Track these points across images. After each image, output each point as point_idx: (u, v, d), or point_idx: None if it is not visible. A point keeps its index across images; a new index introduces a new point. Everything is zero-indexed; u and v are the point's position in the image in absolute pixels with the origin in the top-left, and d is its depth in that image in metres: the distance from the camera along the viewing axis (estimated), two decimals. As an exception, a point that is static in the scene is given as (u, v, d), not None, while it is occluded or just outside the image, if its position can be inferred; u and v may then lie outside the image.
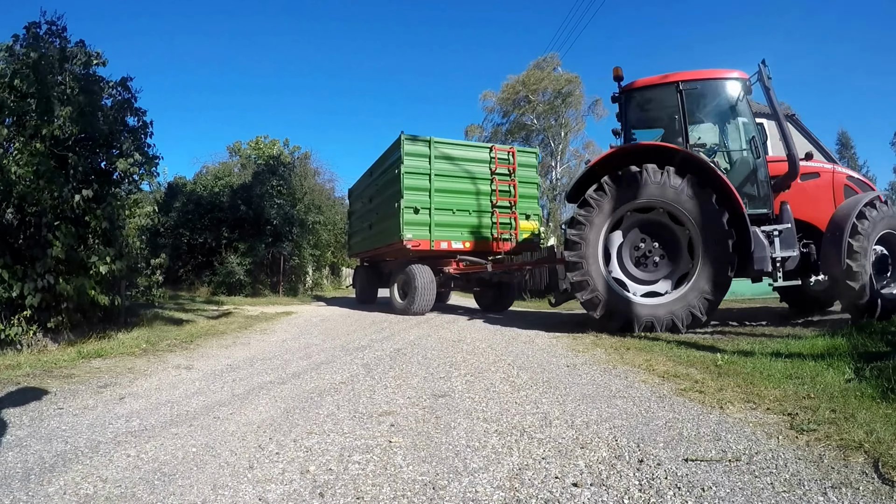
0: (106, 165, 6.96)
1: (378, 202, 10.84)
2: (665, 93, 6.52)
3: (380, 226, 10.63)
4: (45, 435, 2.68)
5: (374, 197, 11.30)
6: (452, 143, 9.80)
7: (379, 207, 10.72)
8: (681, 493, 1.85)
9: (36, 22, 6.45)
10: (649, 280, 6.14)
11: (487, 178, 9.83)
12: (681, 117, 6.26)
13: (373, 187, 11.42)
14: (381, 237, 10.51)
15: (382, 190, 10.44)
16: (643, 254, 6.16)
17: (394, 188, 9.44)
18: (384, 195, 10.25)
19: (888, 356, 3.47)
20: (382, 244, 10.42)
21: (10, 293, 5.07)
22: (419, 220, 9.16)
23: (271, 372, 4.35)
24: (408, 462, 2.23)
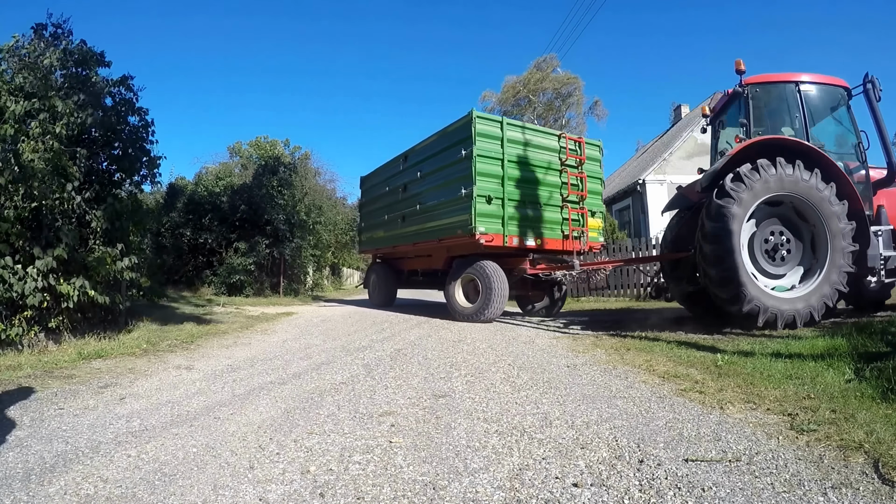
0: (107, 166, 6.97)
1: (424, 191, 9.38)
2: (784, 91, 6.63)
3: (428, 217, 9.19)
4: (45, 435, 2.69)
5: (412, 185, 9.87)
6: (524, 125, 8.67)
7: (425, 197, 9.30)
8: (681, 494, 1.86)
9: (43, 24, 6.49)
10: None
11: (557, 168, 8.77)
12: (801, 116, 6.43)
13: (411, 174, 9.88)
14: (429, 231, 9.13)
15: (434, 176, 9.03)
16: (773, 246, 6.18)
17: (458, 174, 8.18)
18: (439, 182, 8.87)
19: (888, 356, 3.47)
20: (431, 238, 9.08)
21: (10, 293, 5.07)
22: (491, 212, 7.95)
23: (272, 372, 4.35)
24: (408, 462, 2.23)
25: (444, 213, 8.66)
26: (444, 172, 8.73)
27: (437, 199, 8.91)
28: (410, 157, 10.10)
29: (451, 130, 8.66)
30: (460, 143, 8.17)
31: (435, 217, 8.94)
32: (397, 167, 10.66)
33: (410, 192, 9.95)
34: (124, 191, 7.04)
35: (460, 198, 8.04)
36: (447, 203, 8.54)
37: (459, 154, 8.12)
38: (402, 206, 10.21)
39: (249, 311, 10.77)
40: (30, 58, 6.08)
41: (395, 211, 10.62)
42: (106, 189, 6.58)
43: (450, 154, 8.51)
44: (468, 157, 7.90)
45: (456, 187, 8.19)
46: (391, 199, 10.87)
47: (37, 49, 6.21)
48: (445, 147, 8.69)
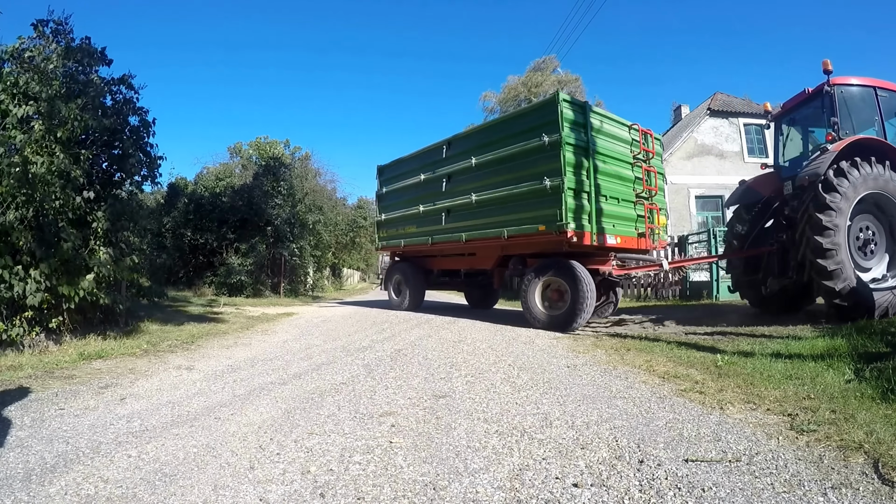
0: (108, 166, 6.97)
1: (482, 182, 8.36)
2: (866, 94, 6.85)
3: (489, 212, 8.22)
4: (46, 435, 2.69)
5: (461, 175, 8.83)
6: (602, 113, 7.80)
7: (484, 188, 8.30)
8: (681, 494, 1.86)
9: (44, 20, 6.44)
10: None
11: (630, 161, 8.08)
12: (879, 119, 6.71)
13: (459, 163, 8.85)
14: (491, 226, 8.16)
15: (500, 166, 8.04)
16: (864, 241, 6.43)
17: (537, 163, 7.31)
18: (506, 173, 7.91)
19: (888, 357, 3.47)
20: (494, 236, 8.10)
21: (11, 293, 5.08)
22: (578, 207, 7.16)
23: (272, 373, 4.36)
24: (408, 462, 2.23)
25: (516, 207, 7.69)
26: (514, 162, 7.76)
27: (505, 192, 7.87)
28: (456, 144, 9.13)
29: (525, 114, 7.85)
30: (540, 129, 7.27)
31: (501, 211, 7.96)
32: (437, 155, 9.54)
33: (459, 184, 8.86)
34: (125, 191, 7.03)
35: (542, 190, 7.13)
36: (521, 196, 7.57)
37: (540, 141, 7.20)
38: (446, 199, 9.14)
39: (250, 312, 10.77)
40: (34, 61, 6.06)
41: (433, 204, 9.48)
42: (106, 189, 6.58)
43: (523, 141, 7.57)
44: (555, 145, 7.01)
45: (534, 178, 7.28)
46: (428, 191, 9.68)
47: (42, 52, 6.19)
48: (516, 133, 7.76)
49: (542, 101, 7.51)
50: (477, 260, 9.18)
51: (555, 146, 7.02)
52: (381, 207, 11.64)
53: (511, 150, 7.78)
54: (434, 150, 9.74)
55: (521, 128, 7.72)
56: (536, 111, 7.59)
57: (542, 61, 32.35)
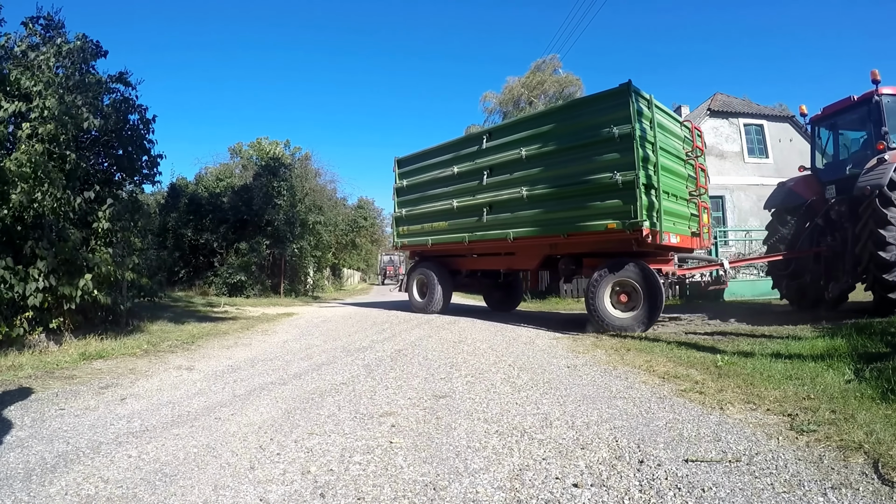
0: (107, 166, 6.96)
1: (534, 175, 7.76)
2: None
3: (544, 207, 7.63)
4: (46, 435, 2.69)
5: (507, 168, 8.20)
6: (660, 107, 7.27)
7: (537, 182, 7.70)
8: (681, 494, 1.86)
9: (34, 17, 6.39)
10: None
11: (683, 158, 7.71)
12: None
13: (504, 155, 8.23)
14: (545, 223, 7.60)
15: (556, 158, 7.48)
16: None
17: (604, 156, 6.86)
18: (564, 166, 7.38)
19: (888, 357, 3.47)
20: (549, 233, 7.58)
21: (11, 293, 5.08)
22: (649, 204, 6.71)
23: (272, 373, 4.36)
24: (409, 463, 2.24)
25: (576, 202, 7.19)
26: (575, 154, 7.24)
27: (563, 186, 7.34)
28: (499, 134, 8.55)
29: (587, 104, 7.32)
30: (607, 120, 6.86)
31: (558, 207, 7.42)
32: (473, 146, 8.88)
33: (504, 177, 8.23)
34: (125, 191, 7.03)
35: (611, 185, 6.69)
36: (584, 191, 7.07)
37: (608, 133, 6.77)
38: (487, 194, 8.48)
39: (250, 312, 10.78)
40: (26, 57, 6.02)
41: (472, 198, 8.79)
42: (106, 189, 6.58)
43: (586, 132, 7.09)
44: (626, 138, 6.60)
45: (600, 172, 6.84)
46: (463, 185, 8.99)
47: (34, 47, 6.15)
48: (576, 124, 7.27)
49: (610, 91, 6.95)
50: (516, 260, 8.69)
51: (626, 139, 6.60)
52: (400, 202, 10.62)
53: (571, 142, 7.27)
54: (470, 141, 9.11)
55: (581, 118, 7.22)
56: (602, 101, 7.05)
57: (543, 62, 32.35)
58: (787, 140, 18.15)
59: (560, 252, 7.81)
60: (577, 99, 7.40)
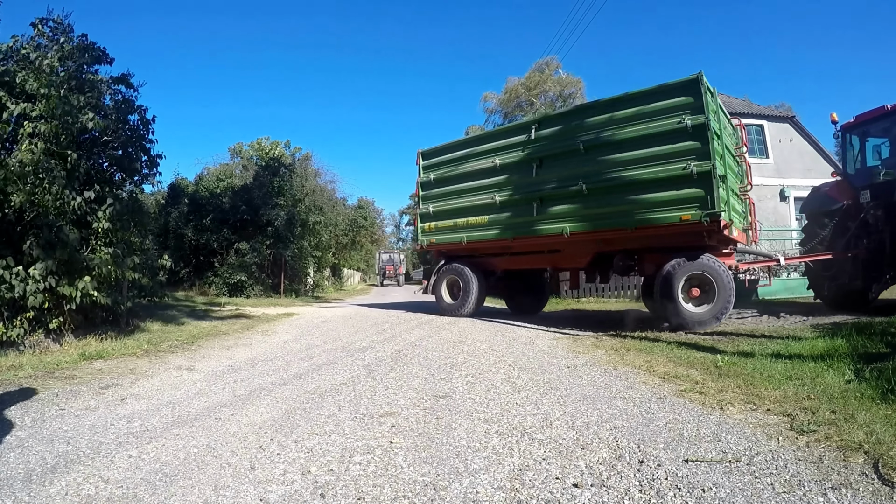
0: (108, 166, 6.96)
1: (596, 167, 7.35)
2: None
3: (608, 200, 7.23)
4: (46, 436, 2.69)
5: (562, 160, 7.76)
6: (719, 102, 7.22)
7: (599, 174, 7.31)
8: (681, 494, 1.86)
9: (43, 19, 6.43)
10: None
11: (734, 153, 7.67)
12: None
13: (558, 146, 7.81)
14: (612, 216, 7.20)
15: (620, 149, 7.15)
16: None
17: (674, 147, 6.66)
18: (630, 157, 7.04)
19: (888, 357, 3.47)
20: (615, 226, 7.19)
21: (11, 294, 5.08)
22: (725, 196, 6.53)
23: (273, 373, 4.36)
24: (409, 463, 2.24)
25: (643, 194, 6.92)
26: (641, 145, 6.98)
27: (630, 178, 7.04)
28: (550, 123, 8.14)
29: (653, 94, 7.04)
30: (676, 110, 6.70)
31: (622, 200, 7.09)
32: (518, 136, 8.42)
33: (558, 169, 7.79)
34: (125, 191, 7.03)
35: (684, 176, 6.52)
36: (652, 183, 6.82)
37: (679, 123, 6.60)
38: (538, 187, 7.99)
39: (250, 312, 10.78)
40: (30, 58, 6.05)
41: (520, 192, 8.27)
42: (107, 189, 6.58)
43: (652, 123, 6.88)
44: (699, 129, 6.46)
45: (669, 163, 6.65)
46: (507, 178, 8.47)
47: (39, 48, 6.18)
48: (641, 114, 7.02)
49: (680, 81, 6.79)
50: (563, 257, 8.33)
51: (699, 129, 6.45)
52: (425, 197, 9.84)
53: (635, 133, 6.99)
54: (513, 131, 8.68)
55: (647, 109, 6.98)
56: (671, 91, 6.83)
57: (544, 62, 32.38)
58: (787, 140, 18.13)
59: (615, 248, 7.53)
60: (642, 90, 7.18)
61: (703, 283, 6.67)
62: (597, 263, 8.06)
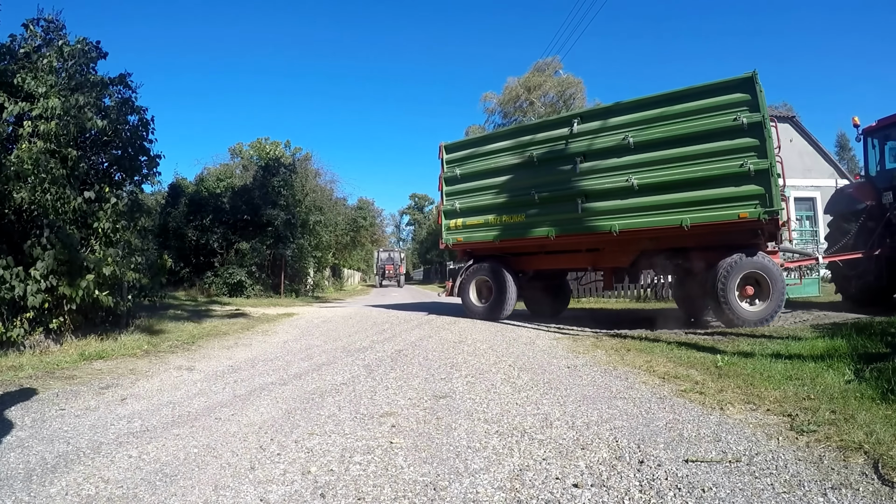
0: (107, 166, 6.97)
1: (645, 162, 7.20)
2: None
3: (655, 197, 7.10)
4: (46, 436, 2.69)
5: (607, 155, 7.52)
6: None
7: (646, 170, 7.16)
8: (681, 494, 1.86)
9: (34, 18, 6.41)
10: None
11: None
12: None
13: (600, 139, 7.57)
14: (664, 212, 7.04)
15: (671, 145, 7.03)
16: None
17: (728, 144, 6.64)
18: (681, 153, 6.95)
19: (888, 357, 3.47)
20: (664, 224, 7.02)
21: (12, 294, 5.08)
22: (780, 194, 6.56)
23: (273, 373, 4.36)
24: (409, 463, 2.24)
25: (695, 191, 6.84)
26: (692, 141, 6.90)
27: (683, 174, 6.92)
28: (592, 118, 7.88)
29: (707, 91, 6.94)
30: (731, 107, 6.67)
31: (676, 197, 6.96)
32: (558, 129, 8.08)
33: (603, 164, 7.55)
34: (125, 191, 7.03)
35: (739, 173, 6.50)
36: (706, 180, 6.77)
37: (734, 121, 6.58)
38: (581, 182, 7.68)
39: (250, 312, 10.78)
40: (29, 59, 6.05)
41: (558, 187, 7.93)
42: (107, 189, 6.58)
43: (704, 119, 6.82)
44: (757, 126, 6.47)
45: (723, 160, 6.63)
46: (547, 172, 8.08)
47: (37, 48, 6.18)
48: (690, 110, 6.96)
49: (734, 79, 6.75)
50: (603, 256, 8.06)
51: (756, 127, 6.46)
52: (451, 193, 9.27)
53: (688, 129, 6.90)
54: (553, 124, 8.29)
55: (700, 105, 6.92)
56: (725, 89, 6.78)
57: (544, 62, 32.37)
58: (786, 140, 18.13)
59: (661, 246, 7.44)
60: (693, 86, 7.16)
61: (757, 281, 6.69)
62: (637, 262, 7.93)
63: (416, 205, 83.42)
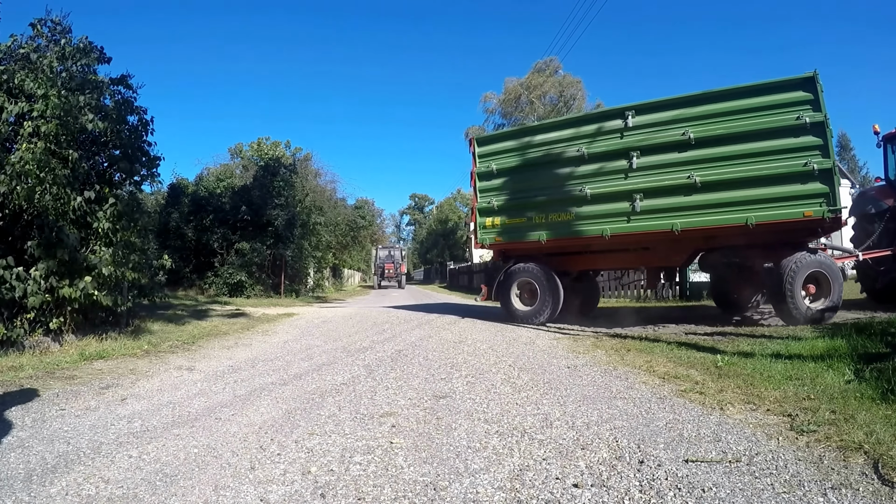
0: (107, 166, 6.97)
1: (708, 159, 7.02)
2: None
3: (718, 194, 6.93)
4: (47, 436, 2.69)
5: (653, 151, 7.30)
6: None
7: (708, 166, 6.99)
8: (681, 494, 1.86)
9: (42, 19, 6.44)
10: None
11: None
12: None
13: (657, 134, 7.32)
14: (729, 210, 6.87)
15: (732, 141, 6.91)
16: None
17: (789, 142, 6.61)
18: (742, 150, 6.85)
19: (888, 357, 3.47)
20: (728, 222, 6.85)
21: (12, 294, 5.08)
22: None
23: (273, 373, 4.36)
24: (409, 463, 2.24)
25: (761, 189, 6.73)
26: (753, 138, 6.80)
27: (746, 172, 6.80)
28: (647, 110, 7.53)
29: (769, 89, 6.88)
30: (793, 106, 6.65)
31: (738, 195, 6.83)
32: (611, 121, 7.73)
33: (662, 160, 7.27)
34: (125, 191, 7.03)
35: (802, 172, 6.48)
36: (768, 178, 6.68)
37: (797, 120, 6.56)
38: (638, 179, 7.38)
39: (250, 312, 10.77)
40: (31, 58, 6.06)
41: (612, 183, 7.56)
42: (107, 190, 6.58)
43: (765, 118, 6.76)
44: (819, 126, 6.50)
45: (785, 158, 6.60)
46: (599, 167, 7.69)
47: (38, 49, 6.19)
48: (755, 107, 6.87)
49: (795, 77, 6.73)
50: (653, 255, 7.89)
51: (818, 127, 6.49)
52: (486, 190, 8.67)
53: (749, 126, 6.81)
54: (603, 117, 7.95)
55: (757, 102, 6.85)
56: (786, 88, 6.74)
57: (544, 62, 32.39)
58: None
59: (717, 244, 7.40)
60: (753, 84, 7.05)
61: (818, 278, 6.75)
62: (688, 261, 8.00)
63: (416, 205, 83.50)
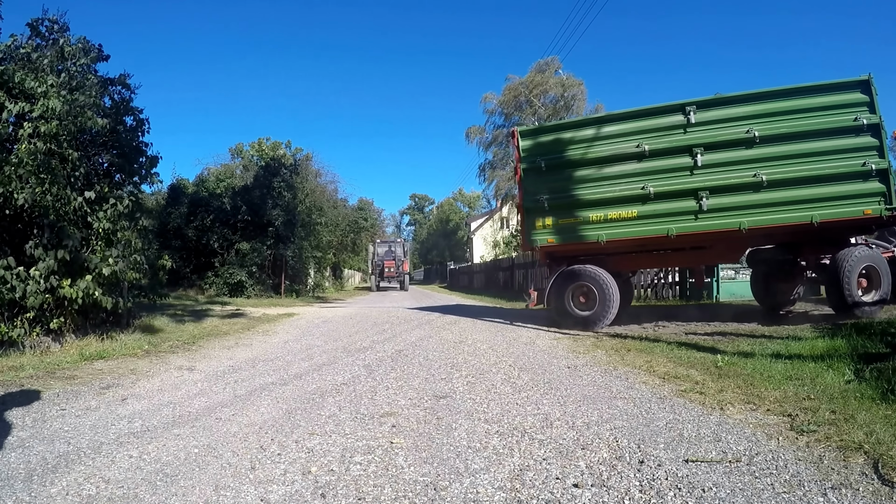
0: (107, 167, 6.97)
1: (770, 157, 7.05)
2: None
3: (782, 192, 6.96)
4: (47, 436, 2.70)
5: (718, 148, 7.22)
6: None
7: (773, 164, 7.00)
8: (681, 494, 1.86)
9: (39, 19, 6.45)
10: None
11: None
12: None
13: (720, 131, 7.23)
14: (793, 208, 6.92)
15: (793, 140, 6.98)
16: None
17: (847, 142, 6.81)
18: (803, 149, 6.93)
19: (888, 357, 3.47)
20: (792, 220, 6.90)
21: (12, 294, 5.09)
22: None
23: (273, 373, 4.36)
24: (409, 463, 2.24)
25: (822, 188, 6.85)
26: (812, 137, 6.90)
27: (809, 170, 6.89)
28: (710, 106, 7.43)
29: (828, 90, 7.01)
30: (849, 107, 6.85)
31: (801, 194, 6.90)
32: (672, 117, 7.51)
33: (727, 157, 7.21)
34: (125, 191, 7.03)
35: (860, 171, 6.71)
36: (830, 177, 6.81)
37: (854, 120, 6.76)
38: (703, 176, 7.25)
39: (251, 312, 10.78)
40: (31, 58, 6.07)
41: (676, 181, 7.36)
42: (107, 190, 6.58)
43: (824, 118, 6.90)
44: (875, 127, 6.77)
45: (842, 157, 6.80)
46: (661, 164, 7.46)
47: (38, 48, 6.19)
48: (815, 107, 6.98)
49: (852, 80, 6.94)
50: (709, 254, 7.85)
51: (874, 128, 6.77)
52: (535, 186, 8.05)
53: (810, 126, 6.93)
54: (664, 111, 7.64)
55: (815, 102, 6.98)
56: (844, 89, 6.93)
57: (544, 62, 32.36)
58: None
59: (773, 242, 7.64)
60: (810, 84, 7.18)
61: (870, 273, 6.98)
62: (742, 259, 8.16)
63: (416, 205, 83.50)
